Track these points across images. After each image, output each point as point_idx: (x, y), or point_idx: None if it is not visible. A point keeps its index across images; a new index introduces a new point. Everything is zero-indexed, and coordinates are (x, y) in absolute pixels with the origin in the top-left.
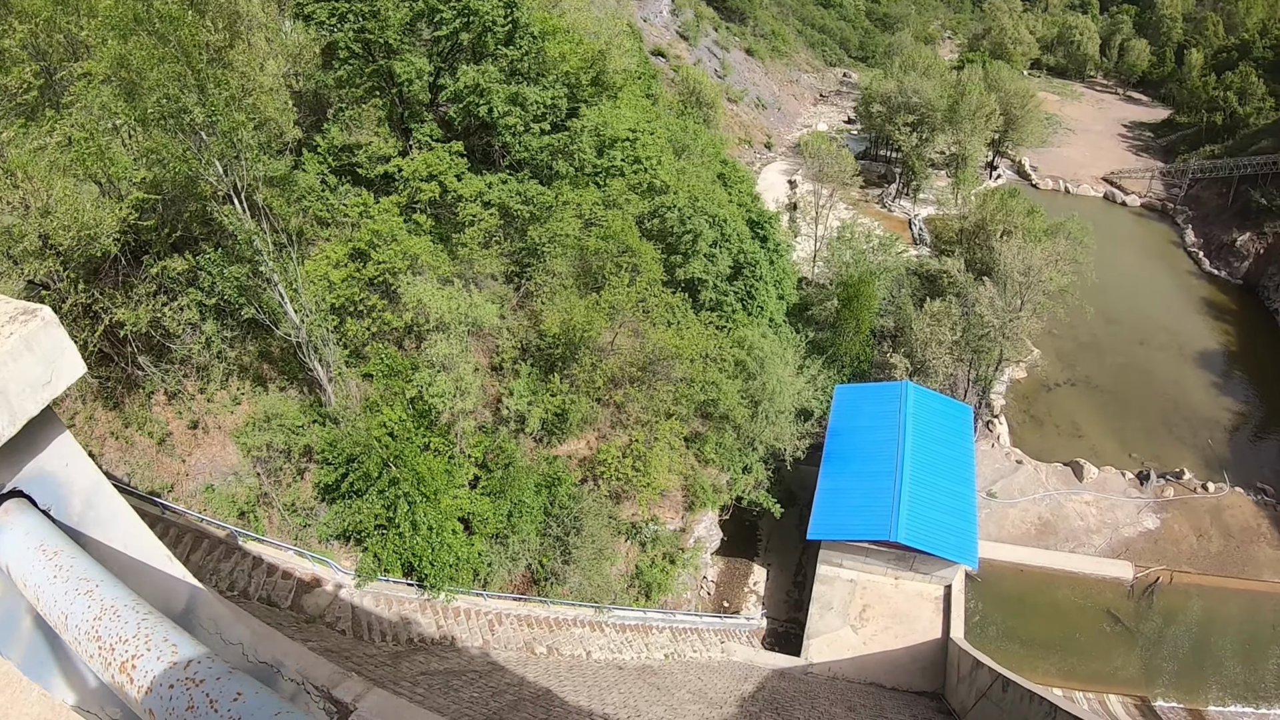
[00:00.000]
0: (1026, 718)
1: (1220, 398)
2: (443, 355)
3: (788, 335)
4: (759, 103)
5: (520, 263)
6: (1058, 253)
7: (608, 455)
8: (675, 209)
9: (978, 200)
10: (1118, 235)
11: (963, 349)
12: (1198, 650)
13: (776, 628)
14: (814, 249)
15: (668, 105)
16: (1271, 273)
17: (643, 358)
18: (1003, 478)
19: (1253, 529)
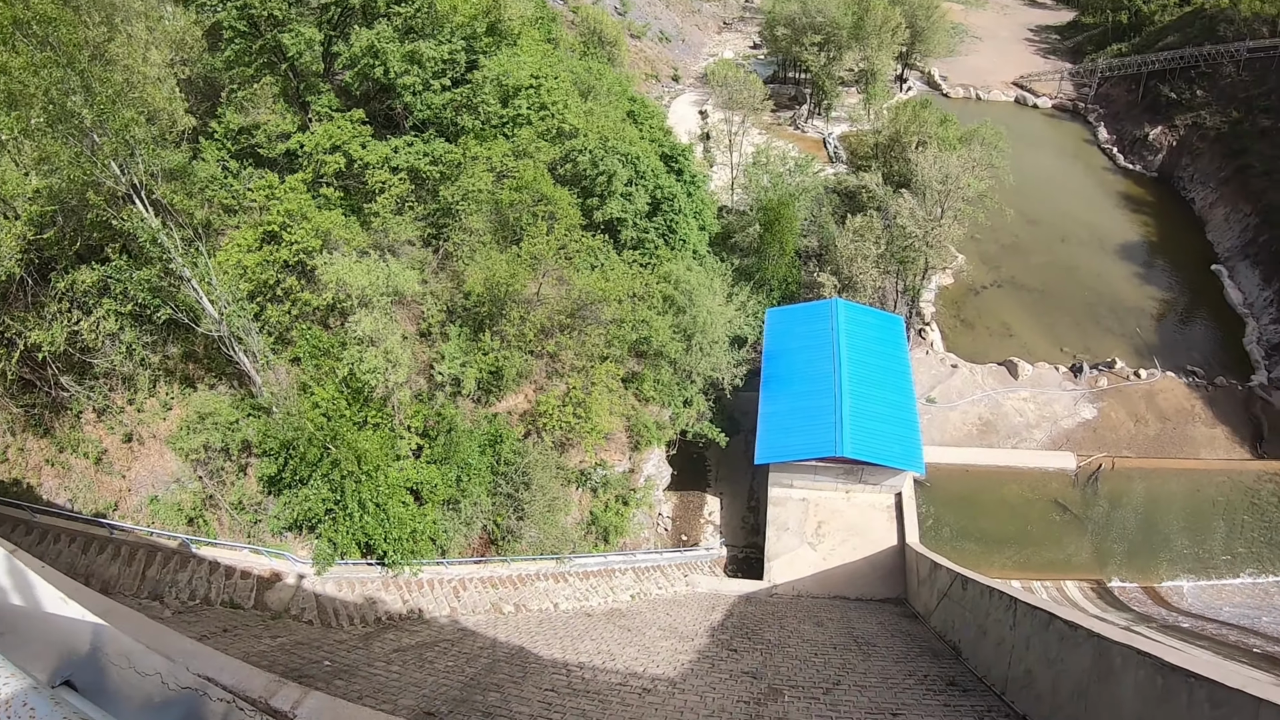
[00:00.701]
0: (988, 612)
1: (1144, 287)
2: (369, 330)
3: (713, 265)
4: (663, 36)
5: (436, 224)
6: (974, 159)
7: (547, 406)
8: (587, 152)
9: (890, 114)
10: (1032, 137)
11: (888, 261)
12: (1145, 530)
13: (737, 554)
14: (731, 177)
15: (570, 48)
16: (1185, 164)
17: (570, 304)
18: (940, 383)
19: (1187, 410)
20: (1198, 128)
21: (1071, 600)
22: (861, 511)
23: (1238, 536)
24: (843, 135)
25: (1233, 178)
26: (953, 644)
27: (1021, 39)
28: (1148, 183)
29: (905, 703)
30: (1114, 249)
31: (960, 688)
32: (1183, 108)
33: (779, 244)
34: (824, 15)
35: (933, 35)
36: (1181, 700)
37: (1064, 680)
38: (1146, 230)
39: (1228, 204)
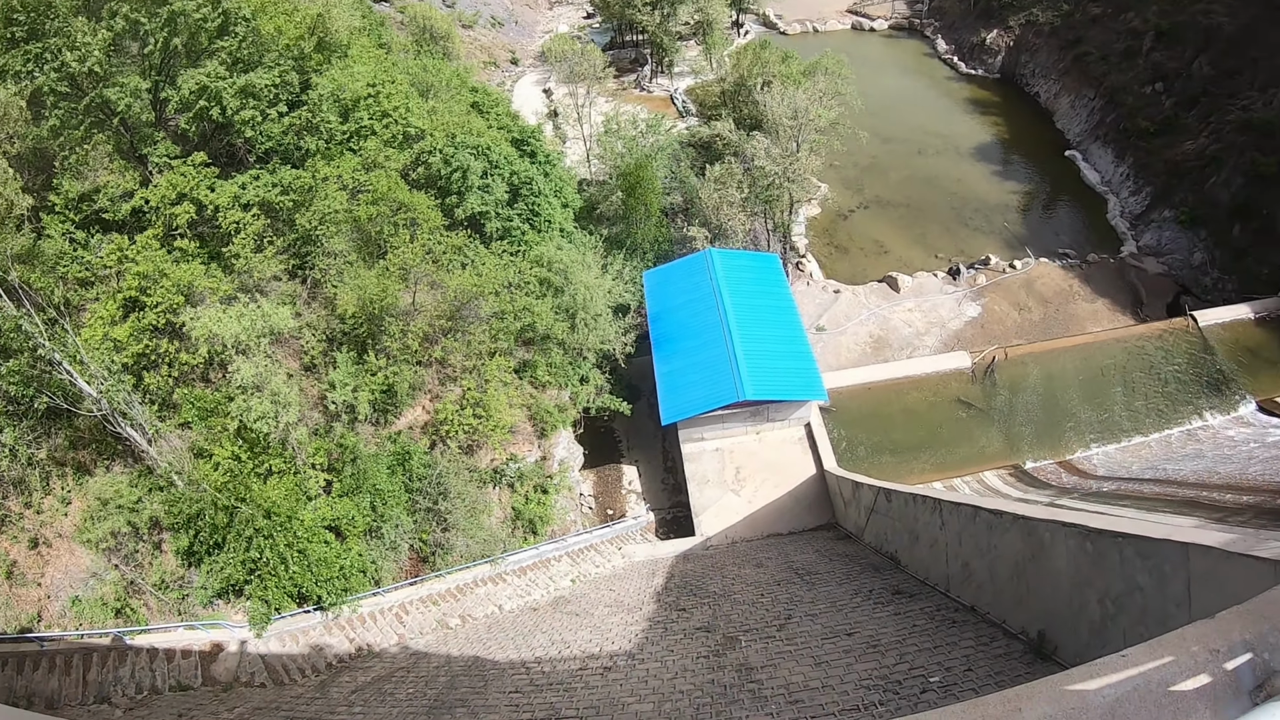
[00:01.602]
0: (916, 517)
1: (1004, 183)
2: (250, 376)
3: (582, 240)
4: (494, 21)
5: (299, 254)
6: (820, 90)
7: (446, 413)
8: (436, 151)
9: (732, 60)
10: (874, 60)
11: (754, 203)
12: (1048, 409)
13: (664, 516)
14: (585, 149)
15: (403, 49)
16: (1024, 61)
17: (448, 307)
18: (826, 310)
19: (1065, 291)
20: (1032, 25)
21: (994, 489)
22: (776, 449)
23: (1136, 396)
24: (689, 89)
25: (1072, 67)
26: (889, 555)
27: None
28: (992, 85)
29: (857, 620)
30: (969, 153)
31: (905, 594)
32: (1015, 8)
33: (644, 207)
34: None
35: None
36: (1114, 560)
37: (1000, 565)
38: (998, 130)
39: (1071, 92)
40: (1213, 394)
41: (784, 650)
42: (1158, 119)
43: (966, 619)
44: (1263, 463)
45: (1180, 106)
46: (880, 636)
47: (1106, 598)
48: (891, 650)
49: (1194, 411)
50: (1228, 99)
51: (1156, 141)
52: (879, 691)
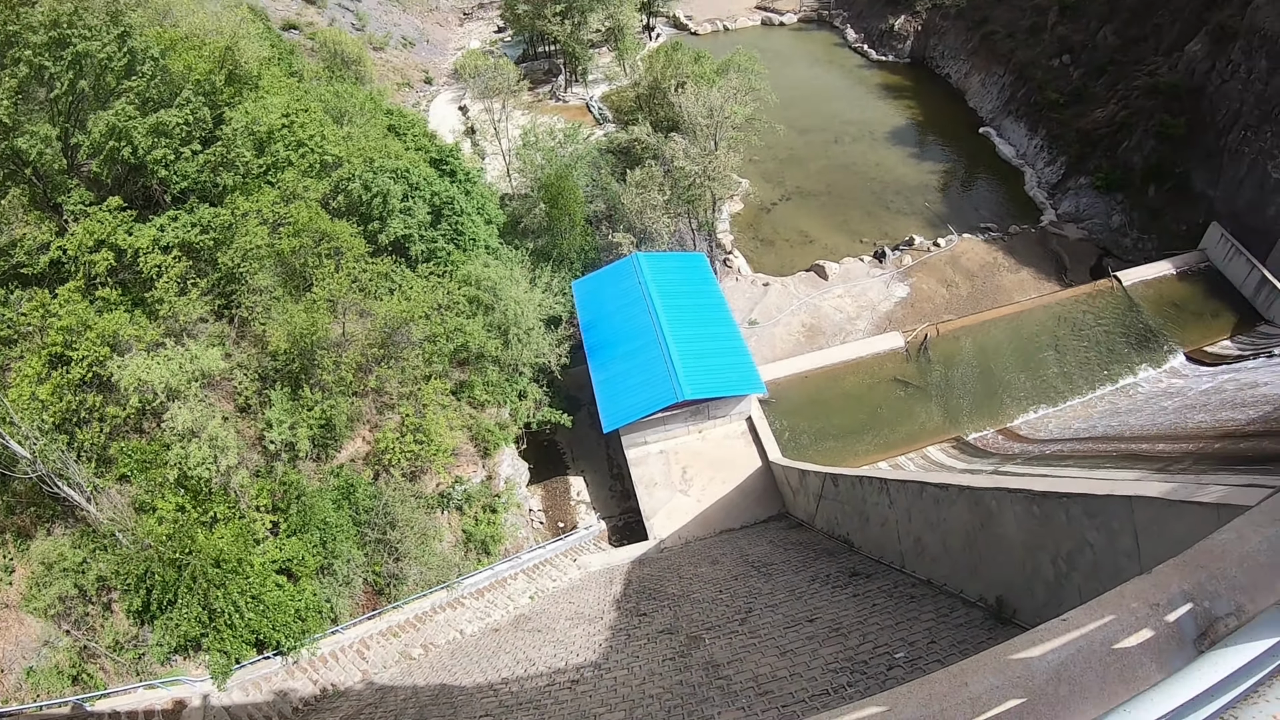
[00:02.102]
0: (865, 499)
1: (923, 163)
2: (186, 423)
3: (508, 255)
4: (406, 42)
5: (224, 294)
6: (734, 87)
7: (387, 442)
8: (355, 178)
9: (645, 64)
10: (785, 53)
11: (677, 204)
12: (984, 380)
13: (616, 523)
14: (505, 164)
15: (315, 76)
16: (933, 43)
17: (379, 335)
18: (757, 304)
19: (990, 263)
20: (938, 8)
21: (939, 463)
22: (720, 446)
23: (1068, 359)
24: (604, 95)
25: (980, 47)
26: (842, 538)
27: None
28: (903, 69)
29: (817, 606)
30: (885, 137)
31: (862, 575)
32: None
33: (567, 217)
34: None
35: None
36: (1061, 520)
37: (952, 537)
38: (912, 113)
39: (981, 71)
40: (1143, 349)
41: (748, 643)
42: (1067, 90)
43: (925, 593)
44: (1198, 410)
45: (1088, 76)
46: (841, 619)
47: (1058, 557)
48: (854, 632)
49: (1126, 368)
50: (1134, 66)
51: (1067, 112)
52: (846, 674)
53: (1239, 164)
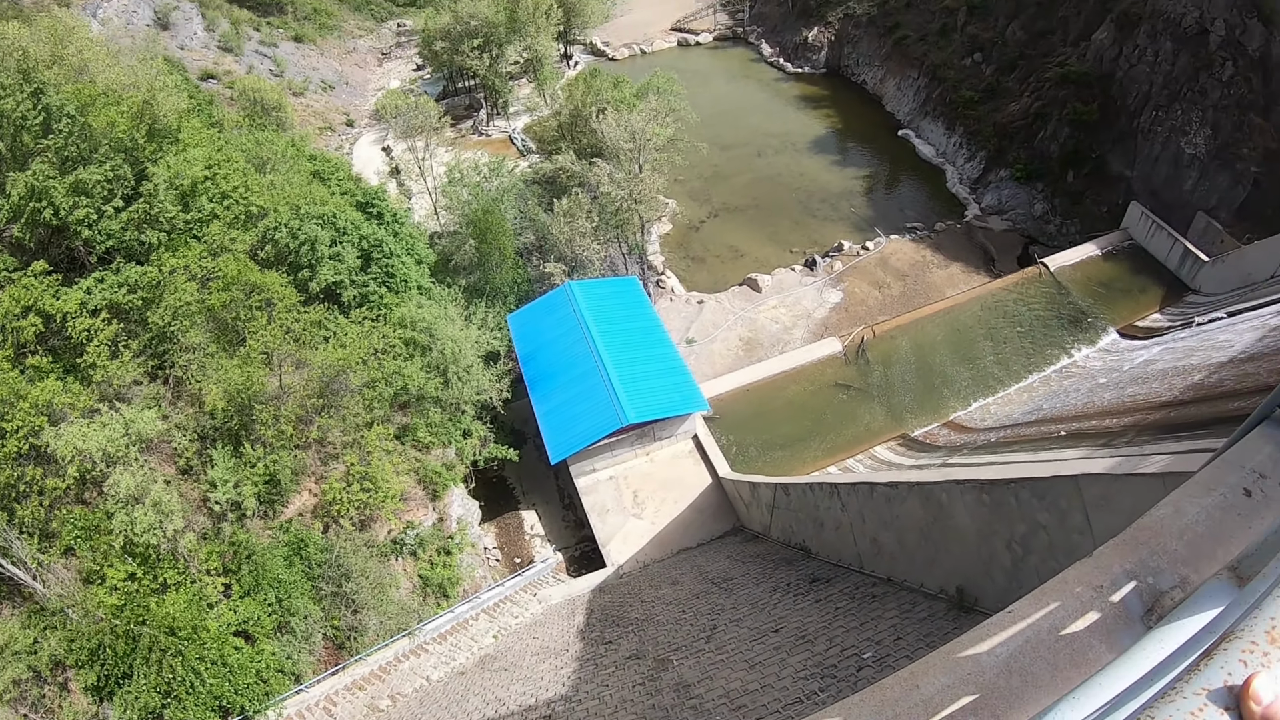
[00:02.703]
0: (817, 505)
1: (845, 169)
2: (129, 489)
3: (442, 294)
4: (325, 85)
5: (157, 354)
6: (654, 109)
7: (333, 493)
8: (282, 226)
9: (565, 93)
10: (703, 72)
11: (605, 230)
12: (923, 376)
13: (573, 553)
14: (431, 202)
15: (235, 125)
16: (847, 52)
17: (317, 385)
18: (693, 322)
19: (919, 262)
20: (850, 18)
21: (887, 462)
22: (669, 467)
23: (1003, 347)
24: (527, 127)
25: (893, 52)
26: (799, 546)
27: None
28: (819, 80)
29: (781, 615)
30: (807, 147)
31: (822, 580)
32: (832, 4)
33: (497, 251)
34: (477, 18)
35: (585, 6)
36: (1011, 505)
37: (906, 533)
38: (831, 121)
39: (895, 75)
40: (1076, 331)
41: (716, 660)
42: (981, 87)
43: (886, 591)
44: (1135, 383)
45: (1000, 72)
46: (806, 626)
47: (1013, 542)
48: (820, 637)
49: (1061, 350)
50: (1043, 58)
51: (983, 108)
52: (816, 680)
53: (1153, 143)
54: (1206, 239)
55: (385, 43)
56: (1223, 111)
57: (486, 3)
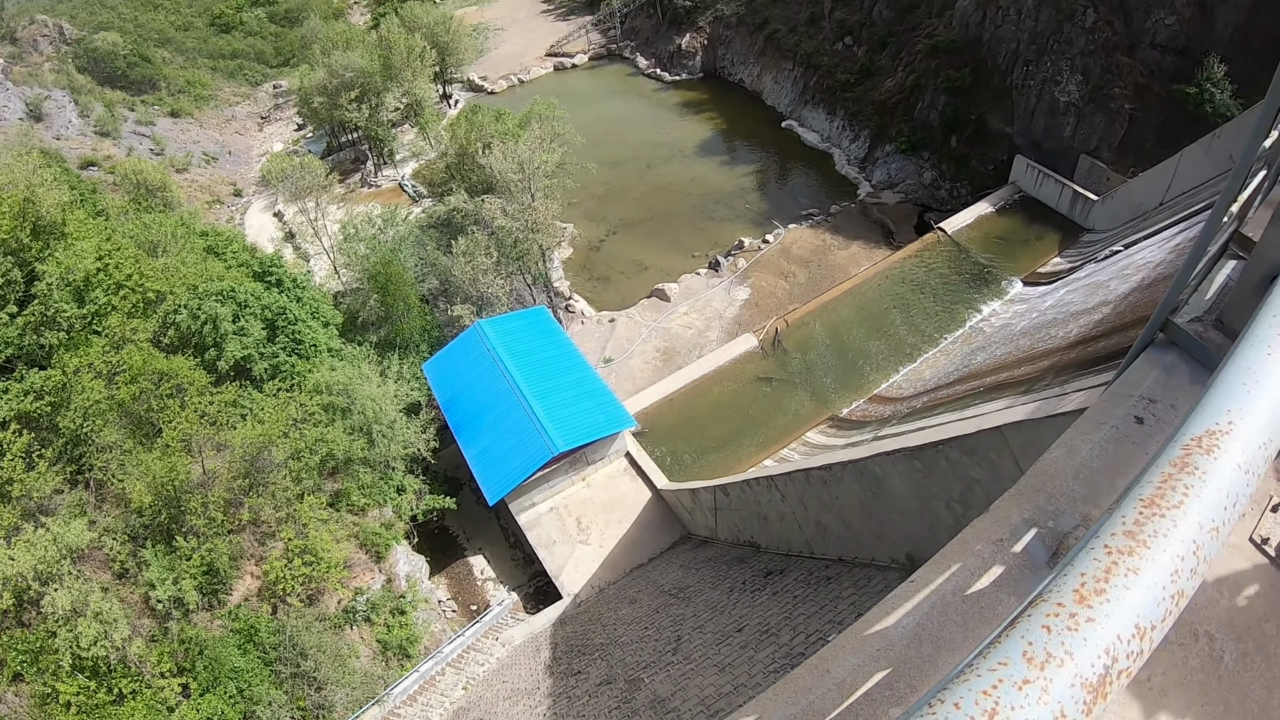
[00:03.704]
0: (758, 500)
1: (735, 168)
2: (66, 606)
3: (353, 353)
4: (208, 157)
5: (74, 458)
6: (538, 137)
7: (275, 572)
8: (182, 309)
9: (448, 133)
10: (584, 93)
11: (507, 264)
12: (841, 356)
13: (527, 591)
14: (330, 262)
15: (122, 211)
16: (722, 54)
17: (241, 465)
18: (607, 341)
19: (820, 246)
20: (720, 20)
21: (821, 446)
22: (606, 488)
23: (915, 315)
24: (415, 172)
25: (766, 47)
26: (748, 543)
27: (539, 13)
28: (698, 85)
29: (741, 614)
30: (695, 152)
31: (776, 572)
32: (701, 9)
33: (402, 301)
34: (352, 69)
35: (458, 45)
36: (943, 467)
37: (849, 511)
38: (715, 123)
39: (771, 70)
40: (981, 287)
41: (686, 670)
42: (855, 69)
43: (839, 571)
44: (1047, 327)
45: (872, 52)
46: (768, 620)
47: (952, 501)
48: (783, 628)
49: (970, 308)
50: (912, 33)
51: (860, 89)
52: (786, 671)
53: (1028, 97)
54: (1093, 179)
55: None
56: (1090, 57)
57: (359, 53)
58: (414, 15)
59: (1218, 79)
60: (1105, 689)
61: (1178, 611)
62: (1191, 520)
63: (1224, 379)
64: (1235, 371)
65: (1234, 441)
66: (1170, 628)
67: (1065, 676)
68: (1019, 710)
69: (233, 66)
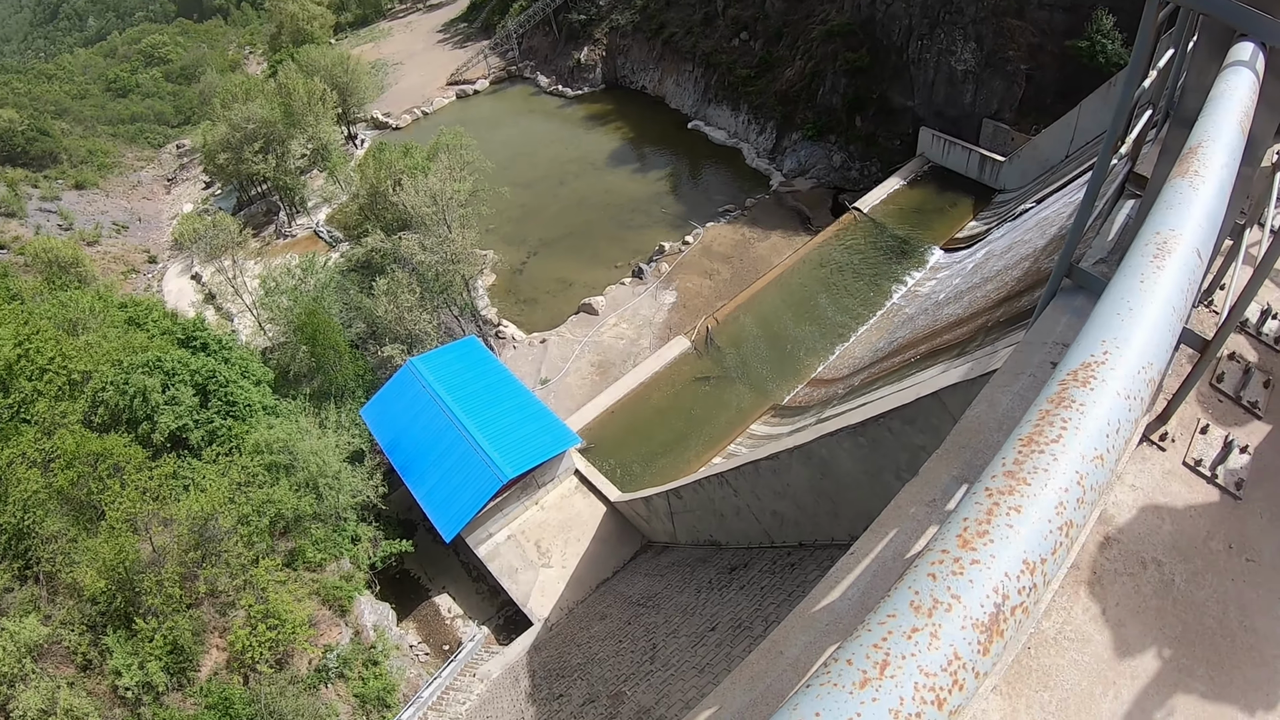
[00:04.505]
0: (711, 499)
1: (647, 174)
2: (36, 706)
3: (289, 408)
4: (118, 227)
5: (20, 554)
6: (447, 167)
7: (241, 640)
8: (108, 385)
9: (358, 174)
10: (489, 118)
11: (431, 298)
12: (774, 345)
13: (497, 622)
14: (254, 318)
15: (35, 293)
16: (621, 63)
17: (190, 538)
18: (542, 362)
19: (740, 241)
20: (616, 30)
21: (767, 436)
22: (561, 509)
23: (841, 295)
24: (329, 217)
25: (664, 52)
26: (708, 542)
27: (436, 44)
28: (601, 96)
29: (712, 613)
30: (605, 163)
31: (740, 566)
32: (596, 22)
33: (331, 350)
34: (253, 120)
35: (359, 84)
36: (887, 439)
37: (802, 497)
38: (622, 133)
39: (672, 73)
40: (903, 259)
41: (666, 677)
42: (754, 63)
43: (802, 556)
44: (971, 290)
45: (769, 44)
46: (740, 615)
47: (901, 470)
48: (755, 621)
49: (895, 281)
50: (806, 21)
51: (761, 82)
52: None
53: (925, 70)
54: (998, 141)
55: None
56: (981, 24)
57: (259, 103)
58: (310, 59)
59: (1107, 29)
60: (1000, 626)
61: (1070, 542)
62: (1073, 452)
63: (1099, 312)
64: (1110, 303)
65: (1110, 370)
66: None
67: (954, 620)
68: (910, 658)
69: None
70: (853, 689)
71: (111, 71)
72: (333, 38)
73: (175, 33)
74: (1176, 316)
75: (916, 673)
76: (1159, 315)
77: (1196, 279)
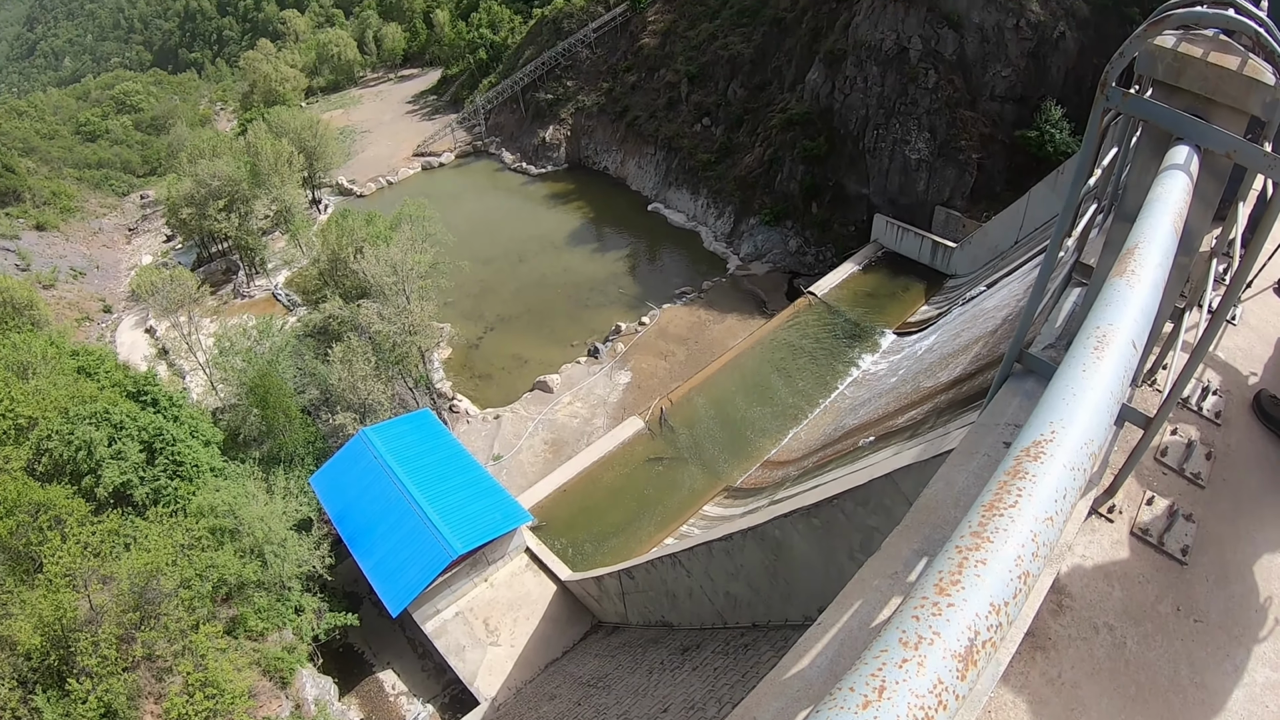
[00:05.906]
0: (664, 579)
1: (606, 255)
2: None
3: (237, 471)
4: (75, 273)
5: None
6: (409, 238)
7: (177, 708)
8: (54, 434)
9: (320, 239)
10: (453, 192)
11: (387, 368)
12: (727, 427)
13: (442, 700)
14: (207, 377)
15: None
16: (585, 144)
17: (130, 598)
18: (495, 438)
19: (695, 323)
20: (581, 111)
21: (720, 517)
22: (510, 586)
23: (795, 378)
24: (288, 280)
25: (627, 134)
26: (660, 623)
27: (405, 114)
28: (564, 175)
29: (664, 694)
30: (565, 242)
31: (693, 647)
32: (562, 102)
33: (283, 414)
34: (219, 177)
35: (326, 149)
36: (841, 520)
37: (756, 578)
38: (583, 212)
39: (634, 155)
40: (856, 343)
41: None
42: (715, 148)
43: (756, 638)
44: (922, 374)
45: (730, 130)
46: (692, 696)
47: (855, 551)
48: (709, 702)
49: (848, 364)
50: (766, 108)
51: (720, 167)
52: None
53: (880, 159)
54: (950, 228)
55: (131, 218)
56: (935, 115)
57: (226, 160)
58: (281, 120)
59: (1056, 119)
60: (974, 656)
61: (1028, 589)
62: (1028, 515)
63: (1048, 397)
64: (1057, 389)
65: (1058, 447)
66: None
67: (937, 652)
68: (903, 683)
69: (99, 176)
70: (857, 710)
71: (83, 114)
72: (304, 101)
73: (149, 82)
74: (1114, 400)
75: (909, 695)
76: (1099, 400)
77: (1132, 366)
